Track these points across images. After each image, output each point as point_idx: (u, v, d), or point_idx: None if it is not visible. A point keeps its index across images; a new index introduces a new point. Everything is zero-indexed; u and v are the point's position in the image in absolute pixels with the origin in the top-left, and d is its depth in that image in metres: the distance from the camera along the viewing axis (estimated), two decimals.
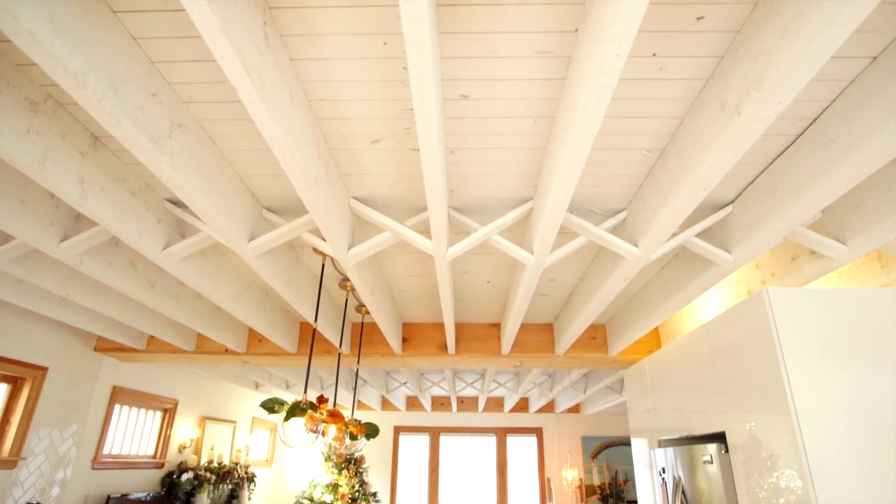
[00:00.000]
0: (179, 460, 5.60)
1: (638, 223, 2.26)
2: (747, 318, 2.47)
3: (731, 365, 2.61)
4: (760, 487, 2.31)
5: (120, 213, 2.12)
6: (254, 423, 7.48)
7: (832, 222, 2.35)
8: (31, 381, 3.82)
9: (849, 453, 2.06)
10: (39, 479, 3.88)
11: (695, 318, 3.68)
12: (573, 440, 8.54)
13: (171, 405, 5.47)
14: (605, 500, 8.13)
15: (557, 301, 3.72)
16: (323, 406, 2.45)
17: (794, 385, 2.19)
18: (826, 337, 2.26)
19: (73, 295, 3.03)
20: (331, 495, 7.06)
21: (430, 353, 4.16)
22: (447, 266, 2.51)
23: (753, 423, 2.39)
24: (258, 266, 2.46)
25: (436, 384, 6.99)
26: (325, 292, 3.58)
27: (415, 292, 3.56)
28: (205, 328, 3.62)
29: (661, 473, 3.29)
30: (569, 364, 4.36)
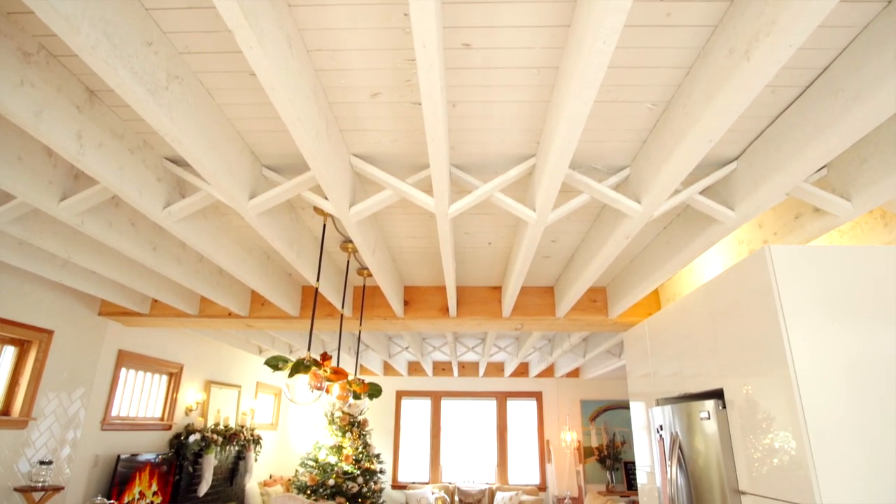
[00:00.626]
0: (186, 423, 5.72)
1: (641, 179, 2.24)
2: (748, 276, 2.46)
3: (730, 324, 2.62)
4: (756, 443, 2.35)
5: (119, 171, 2.10)
6: (258, 388, 7.61)
7: (837, 179, 2.33)
8: (37, 343, 3.87)
9: (846, 411, 2.07)
10: (50, 439, 3.96)
11: (695, 280, 3.69)
12: (572, 404, 8.70)
13: (176, 369, 5.55)
14: (602, 462, 8.33)
15: (559, 263, 3.72)
16: (326, 363, 2.48)
17: (793, 343, 2.19)
18: (827, 295, 2.25)
19: (75, 257, 3.03)
20: (335, 456, 7.23)
21: (431, 316, 4.19)
22: (448, 225, 2.50)
23: (751, 380, 2.41)
24: (259, 225, 2.45)
25: (437, 349, 7.07)
26: (327, 255, 3.58)
27: (416, 254, 3.56)
28: (208, 291, 3.64)
29: (659, 431, 3.35)
30: (569, 327, 4.40)
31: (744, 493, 2.46)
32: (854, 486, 1.97)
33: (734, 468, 2.54)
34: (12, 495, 3.61)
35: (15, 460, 3.65)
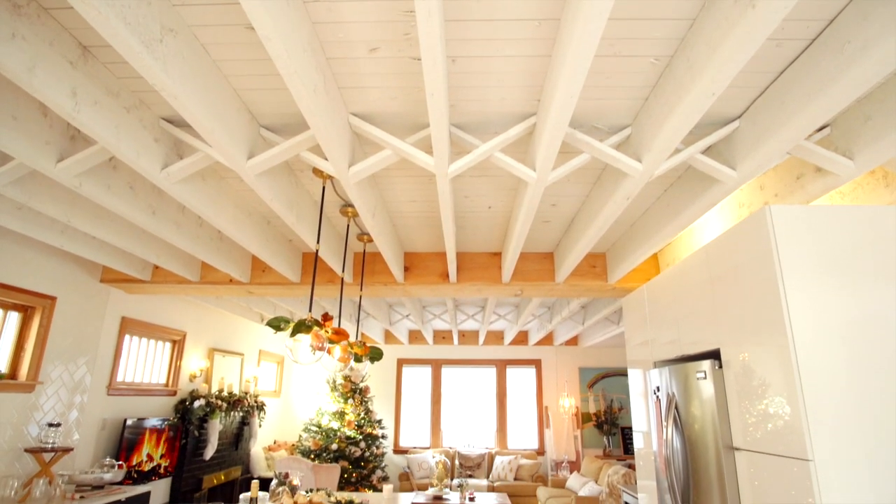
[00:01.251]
0: (191, 389, 5.81)
1: (642, 138, 2.22)
2: (748, 237, 2.46)
3: (729, 286, 2.62)
4: (751, 401, 2.39)
5: (115, 129, 2.08)
6: (261, 356, 7.71)
7: (840, 137, 2.31)
8: (40, 309, 3.90)
9: (842, 368, 2.08)
10: (58, 402, 4.03)
11: (695, 245, 3.70)
12: (571, 371, 8.82)
13: (179, 337, 5.61)
14: (600, 427, 8.50)
15: (558, 228, 3.72)
16: (328, 324, 2.50)
17: (791, 303, 2.19)
18: (827, 256, 2.24)
19: (74, 221, 3.03)
20: (338, 422, 7.38)
21: (431, 282, 4.21)
22: (448, 186, 2.49)
23: (749, 340, 2.43)
24: (258, 186, 2.44)
25: (437, 316, 7.13)
26: (327, 220, 3.58)
27: (416, 219, 3.56)
28: (208, 257, 3.65)
29: (656, 392, 3.40)
30: (568, 292, 4.43)
31: (738, 450, 2.52)
32: (846, 439, 2.01)
33: (729, 426, 2.59)
34: (23, 456, 3.70)
35: (24, 423, 3.73)
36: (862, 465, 1.98)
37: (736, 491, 2.50)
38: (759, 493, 2.31)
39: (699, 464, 2.77)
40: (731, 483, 2.52)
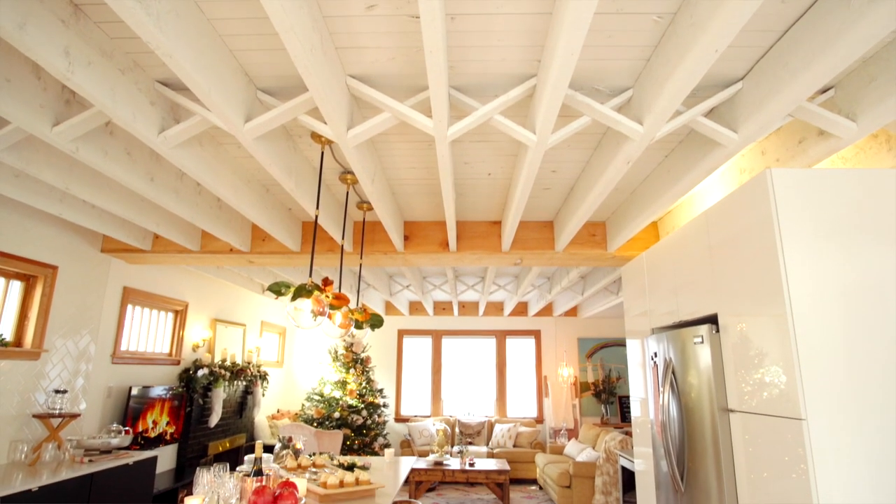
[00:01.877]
0: (194, 358, 5.88)
1: (644, 100, 2.19)
2: (749, 201, 2.45)
3: (729, 252, 2.62)
4: (747, 364, 2.42)
5: (111, 91, 2.05)
6: (263, 327, 7.78)
7: (844, 100, 2.29)
8: (42, 279, 3.92)
9: (838, 333, 2.10)
10: (63, 370, 4.09)
11: (695, 213, 3.69)
12: (570, 341, 8.92)
13: (181, 307, 5.65)
14: (598, 396, 8.63)
15: (558, 195, 3.71)
16: (328, 288, 2.52)
17: (790, 267, 2.19)
18: (828, 219, 2.23)
19: (73, 188, 3.02)
20: (340, 391, 7.49)
21: (431, 251, 4.22)
22: (448, 150, 2.48)
23: (746, 304, 2.45)
24: (256, 150, 2.42)
25: (438, 287, 7.17)
26: (326, 188, 3.57)
27: (415, 186, 3.54)
28: (208, 225, 3.65)
29: (653, 358, 3.45)
30: (568, 261, 4.44)
31: (732, 411, 2.56)
32: (839, 400, 2.04)
33: (724, 388, 2.63)
34: (31, 422, 3.77)
35: (31, 390, 3.78)
36: (853, 426, 2.02)
37: (730, 451, 2.56)
38: (752, 453, 2.36)
39: (694, 426, 2.82)
40: (726, 444, 2.57)
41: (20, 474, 3.16)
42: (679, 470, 2.98)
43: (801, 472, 2.02)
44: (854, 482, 1.96)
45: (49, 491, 3.10)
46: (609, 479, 5.62)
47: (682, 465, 2.95)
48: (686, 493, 2.89)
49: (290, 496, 2.11)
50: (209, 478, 2.28)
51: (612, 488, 5.56)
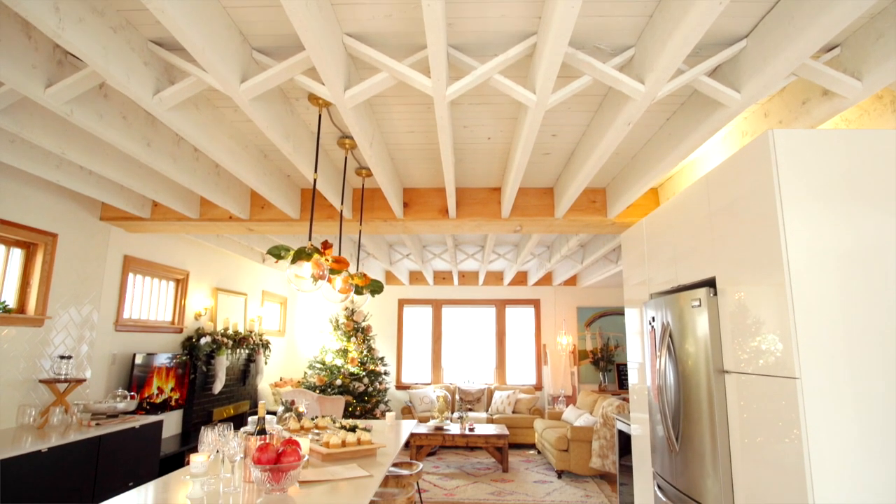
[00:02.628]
0: (196, 327, 5.94)
1: (646, 58, 2.16)
2: (750, 163, 2.42)
3: (728, 215, 2.61)
4: (744, 326, 2.44)
5: (103, 50, 2.02)
6: (264, 296, 7.83)
7: (850, 58, 2.25)
8: (43, 246, 3.92)
9: (835, 294, 2.11)
10: (67, 337, 4.13)
11: (696, 179, 3.66)
12: (569, 311, 8.99)
13: (182, 276, 5.68)
14: (596, 364, 8.75)
15: (559, 160, 3.68)
16: (328, 252, 2.52)
17: (789, 230, 2.19)
18: (830, 181, 2.20)
19: (69, 154, 3.00)
20: (341, 359, 7.59)
21: (431, 218, 4.21)
22: (447, 112, 2.45)
23: (745, 266, 2.45)
24: (253, 112, 2.39)
25: (437, 256, 7.19)
26: (324, 154, 3.54)
27: (414, 151, 3.51)
28: (207, 192, 3.63)
29: (651, 322, 3.48)
30: (568, 228, 4.44)
31: (727, 373, 2.60)
32: (833, 360, 2.07)
33: (721, 351, 2.66)
34: (38, 387, 3.83)
35: (37, 356, 3.83)
36: (847, 385, 2.04)
37: (724, 412, 2.61)
38: (745, 413, 2.41)
39: (690, 389, 2.87)
40: (720, 405, 2.62)
41: (29, 437, 3.22)
42: (674, 431, 3.04)
43: (793, 433, 2.06)
44: (846, 444, 2.00)
45: (57, 452, 3.17)
46: (606, 443, 5.74)
47: (678, 426, 3.00)
48: (681, 452, 2.95)
49: (294, 452, 2.16)
50: (213, 437, 2.33)
51: (608, 451, 5.69)
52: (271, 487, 2.14)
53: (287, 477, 2.15)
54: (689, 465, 2.85)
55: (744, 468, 2.42)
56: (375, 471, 2.55)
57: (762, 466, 2.26)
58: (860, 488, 1.96)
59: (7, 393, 3.58)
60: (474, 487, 5.59)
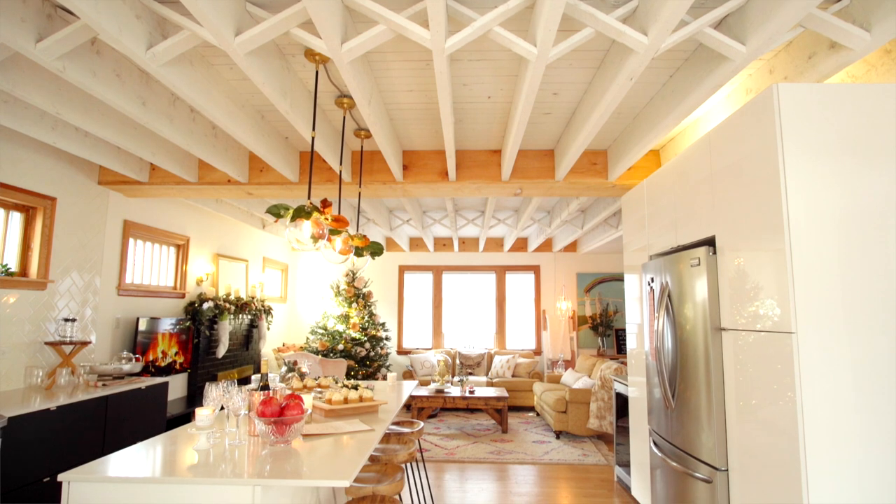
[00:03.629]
0: (198, 292, 5.98)
1: (650, 9, 2.10)
2: (753, 119, 2.39)
3: (730, 173, 2.59)
4: (742, 283, 2.46)
5: (94, 1, 1.97)
6: (265, 263, 7.86)
7: (859, 9, 2.19)
8: (42, 210, 3.92)
9: (834, 255, 2.11)
10: (71, 301, 4.17)
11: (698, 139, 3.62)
12: (568, 276, 9.03)
13: (183, 241, 5.69)
14: (595, 329, 8.84)
15: (560, 120, 3.64)
16: (327, 210, 2.52)
17: (790, 187, 2.16)
18: (833, 137, 2.17)
19: (64, 114, 2.96)
20: (343, 325, 7.67)
21: (430, 180, 4.19)
22: (446, 66, 2.40)
23: (745, 224, 2.45)
24: (249, 67, 2.35)
25: (438, 221, 7.18)
26: (322, 114, 3.49)
27: (413, 112, 3.47)
28: (204, 154, 3.60)
29: (650, 283, 3.49)
30: (568, 191, 4.41)
31: (724, 330, 2.62)
32: (830, 315, 2.08)
33: (718, 308, 2.68)
34: (44, 349, 3.88)
35: (41, 319, 3.87)
36: (842, 341, 2.06)
37: (720, 369, 2.65)
38: (741, 369, 2.44)
39: (687, 347, 2.90)
40: (717, 362, 2.66)
41: (38, 397, 3.29)
42: (671, 389, 3.09)
43: (788, 389, 2.09)
44: (838, 399, 2.03)
45: (66, 411, 3.24)
46: (603, 405, 5.86)
47: (674, 384, 3.05)
48: (677, 409, 3.01)
49: (297, 406, 2.20)
50: (218, 392, 2.38)
51: (606, 413, 5.81)
52: (275, 440, 2.20)
53: (291, 430, 2.20)
54: (685, 421, 2.91)
55: (738, 424, 2.47)
56: (377, 426, 2.61)
57: (756, 422, 2.31)
58: (853, 442, 2.00)
59: (14, 355, 3.63)
60: (474, 447, 5.73)
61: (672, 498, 3.07)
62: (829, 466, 1.99)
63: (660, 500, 3.28)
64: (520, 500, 4.16)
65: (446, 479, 4.66)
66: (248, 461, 2.00)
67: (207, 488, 1.80)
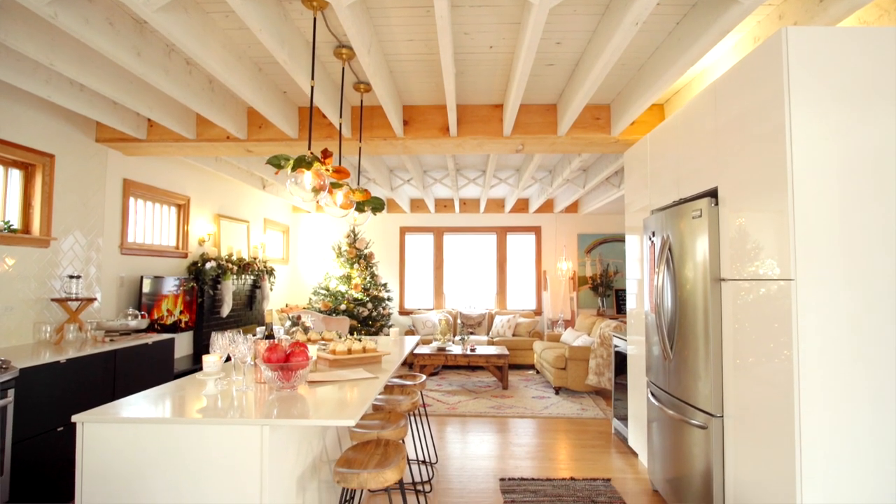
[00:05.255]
0: (200, 252, 6.00)
1: None
2: (761, 65, 2.34)
3: (735, 123, 2.55)
4: (743, 233, 2.46)
5: None
6: (266, 224, 7.86)
7: None
8: (41, 167, 3.89)
9: (836, 203, 2.10)
10: (74, 259, 4.19)
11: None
12: (569, 237, 9.04)
13: (183, 201, 5.67)
14: (595, 289, 8.91)
15: (563, 72, 3.57)
16: (328, 161, 2.50)
17: (795, 134, 2.14)
18: (842, 83, 2.12)
19: (58, 65, 2.91)
20: (345, 285, 7.73)
21: (431, 136, 4.14)
22: (447, 10, 2.34)
23: (748, 174, 2.43)
24: (245, 12, 2.29)
25: (438, 181, 7.14)
26: (321, 67, 3.42)
27: (414, 63, 3.40)
28: (202, 108, 3.55)
29: (651, 237, 3.50)
30: (570, 147, 4.37)
31: (724, 280, 2.64)
32: (829, 261, 2.09)
33: (718, 260, 2.70)
34: (50, 305, 3.93)
35: (46, 277, 3.90)
36: (840, 286, 2.08)
37: (718, 318, 2.68)
38: (739, 319, 2.47)
39: (686, 298, 2.93)
40: (715, 312, 2.69)
41: (47, 351, 3.35)
42: (670, 341, 3.14)
43: (784, 331, 2.12)
44: (835, 347, 2.06)
45: (75, 363, 3.30)
46: (602, 362, 5.96)
47: (673, 336, 3.10)
48: (675, 359, 3.06)
49: (302, 353, 2.24)
50: (224, 341, 2.41)
51: (604, 369, 5.91)
52: (281, 385, 2.25)
53: (296, 376, 2.25)
54: (682, 371, 2.97)
55: (735, 373, 2.52)
56: (381, 375, 2.66)
57: (753, 371, 2.36)
58: (848, 389, 2.04)
59: (22, 311, 3.68)
60: (475, 402, 5.86)
61: (668, 446, 3.16)
62: (824, 414, 2.04)
63: (656, 448, 3.38)
64: (520, 450, 4.28)
65: (448, 432, 4.79)
66: (255, 405, 2.05)
67: (217, 429, 1.86)
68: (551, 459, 4.06)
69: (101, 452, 1.87)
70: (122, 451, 1.87)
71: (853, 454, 2.02)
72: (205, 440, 1.86)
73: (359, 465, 2.09)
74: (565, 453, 4.21)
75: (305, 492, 2.26)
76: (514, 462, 4.00)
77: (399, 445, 2.32)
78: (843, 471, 2.02)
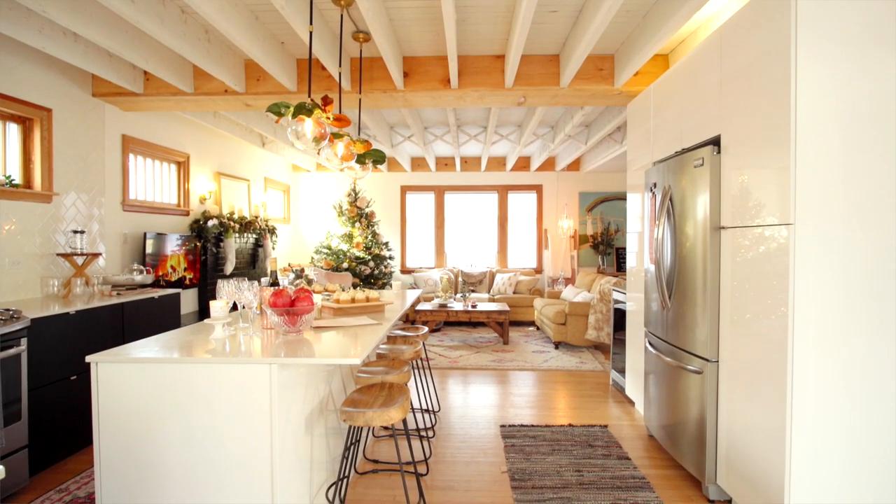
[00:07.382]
0: (202, 210, 6.01)
1: None
2: (767, 9, 2.30)
3: (741, 69, 2.51)
4: (745, 177, 2.46)
5: None
6: (266, 184, 7.84)
7: None
8: (38, 121, 3.86)
9: (838, 149, 2.10)
10: (77, 215, 4.21)
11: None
12: (571, 196, 9.01)
13: (183, 158, 5.64)
14: (596, 248, 8.94)
15: (566, 19, 3.48)
16: (329, 108, 2.48)
17: (800, 82, 2.10)
18: (849, 25, 2.09)
19: (50, 12, 2.85)
20: (347, 244, 7.77)
21: (432, 88, 4.08)
22: None
23: (751, 122, 2.41)
24: None
25: (439, 138, 7.07)
26: (319, 15, 3.35)
27: (414, 10, 3.32)
28: (199, 59, 3.50)
29: (652, 188, 3.50)
30: (573, 99, 4.31)
31: (724, 228, 2.66)
32: (828, 207, 2.10)
33: (719, 208, 2.71)
34: (56, 261, 3.97)
35: (50, 232, 3.93)
36: (840, 230, 2.10)
37: (717, 266, 2.71)
38: (738, 265, 2.50)
39: (686, 248, 2.96)
40: (714, 259, 2.72)
41: (56, 304, 3.41)
42: (668, 290, 3.18)
43: (781, 273, 2.16)
44: (833, 293, 2.09)
45: (84, 315, 3.37)
46: (601, 317, 6.04)
47: (672, 285, 3.14)
48: (673, 308, 3.12)
49: (307, 298, 2.29)
50: (230, 288, 2.46)
51: (603, 324, 6.00)
52: (288, 330, 2.31)
53: (302, 320, 2.31)
54: (680, 319, 3.02)
55: (731, 318, 2.57)
56: (384, 322, 2.72)
57: (749, 317, 2.40)
58: (844, 330, 2.09)
59: (28, 265, 3.72)
60: (477, 356, 5.99)
61: (664, 393, 3.26)
62: (817, 360, 2.09)
63: (652, 396, 3.48)
64: (520, 400, 4.41)
65: (450, 384, 4.92)
66: (262, 347, 2.11)
67: (227, 367, 1.92)
68: (550, 408, 4.18)
69: (115, 392, 1.94)
70: (135, 390, 1.94)
71: (844, 403, 2.09)
72: (216, 378, 1.92)
73: (364, 405, 2.16)
74: (564, 403, 4.33)
75: (313, 432, 2.35)
76: (514, 411, 4.12)
77: (403, 387, 2.39)
78: (833, 419, 2.09)
